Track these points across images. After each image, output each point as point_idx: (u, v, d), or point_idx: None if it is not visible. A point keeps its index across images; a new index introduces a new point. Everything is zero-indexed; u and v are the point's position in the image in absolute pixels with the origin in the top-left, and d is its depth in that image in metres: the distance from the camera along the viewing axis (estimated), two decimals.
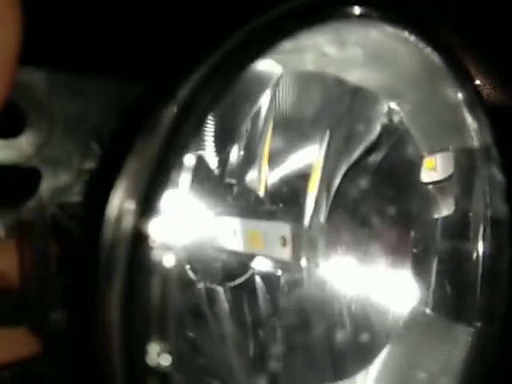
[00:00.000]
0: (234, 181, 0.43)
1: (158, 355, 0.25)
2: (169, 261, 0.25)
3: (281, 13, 0.27)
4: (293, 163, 0.43)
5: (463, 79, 0.37)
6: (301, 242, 0.38)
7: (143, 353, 0.25)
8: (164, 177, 0.25)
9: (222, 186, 0.42)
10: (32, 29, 0.28)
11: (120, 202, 0.25)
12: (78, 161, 0.35)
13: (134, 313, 0.25)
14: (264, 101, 0.39)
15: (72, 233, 0.35)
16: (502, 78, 0.42)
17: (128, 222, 0.25)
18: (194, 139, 0.25)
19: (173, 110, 0.25)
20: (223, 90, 0.25)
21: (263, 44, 0.27)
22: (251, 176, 0.43)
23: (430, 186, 0.41)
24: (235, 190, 0.43)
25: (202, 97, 0.25)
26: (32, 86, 0.33)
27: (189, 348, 0.36)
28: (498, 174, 0.38)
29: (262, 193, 0.42)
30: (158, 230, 0.25)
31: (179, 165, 0.25)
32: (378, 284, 0.42)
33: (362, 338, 0.42)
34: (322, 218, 0.41)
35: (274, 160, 0.43)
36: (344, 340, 0.41)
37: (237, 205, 0.42)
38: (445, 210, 0.42)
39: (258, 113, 0.40)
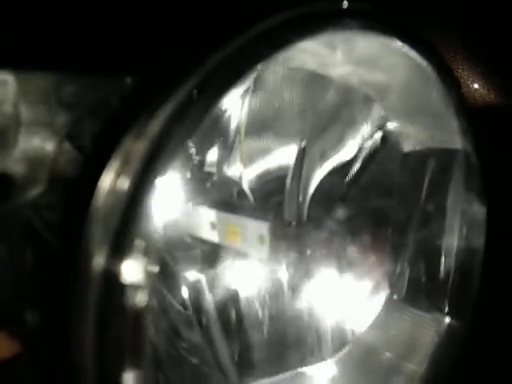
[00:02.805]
0: (213, 169, 0.42)
1: None
2: (141, 300, 0.25)
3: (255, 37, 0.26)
4: (272, 161, 0.41)
5: (450, 85, 0.36)
6: (279, 241, 0.38)
7: None
8: (138, 213, 0.25)
9: (201, 173, 0.41)
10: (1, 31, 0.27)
11: (92, 241, 0.25)
12: (50, 163, 0.33)
13: (107, 348, 0.25)
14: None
15: (45, 237, 0.34)
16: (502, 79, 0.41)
17: (99, 262, 0.24)
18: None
19: (145, 143, 0.24)
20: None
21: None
22: (230, 166, 0.42)
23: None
24: (214, 178, 0.43)
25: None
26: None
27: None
28: (476, 177, 0.38)
29: (241, 186, 0.42)
30: (130, 270, 0.25)
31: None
32: (354, 279, 0.43)
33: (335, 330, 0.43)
34: (299, 219, 0.41)
35: (254, 156, 0.42)
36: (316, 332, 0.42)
37: (216, 197, 0.41)
38: (421, 206, 0.42)
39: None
